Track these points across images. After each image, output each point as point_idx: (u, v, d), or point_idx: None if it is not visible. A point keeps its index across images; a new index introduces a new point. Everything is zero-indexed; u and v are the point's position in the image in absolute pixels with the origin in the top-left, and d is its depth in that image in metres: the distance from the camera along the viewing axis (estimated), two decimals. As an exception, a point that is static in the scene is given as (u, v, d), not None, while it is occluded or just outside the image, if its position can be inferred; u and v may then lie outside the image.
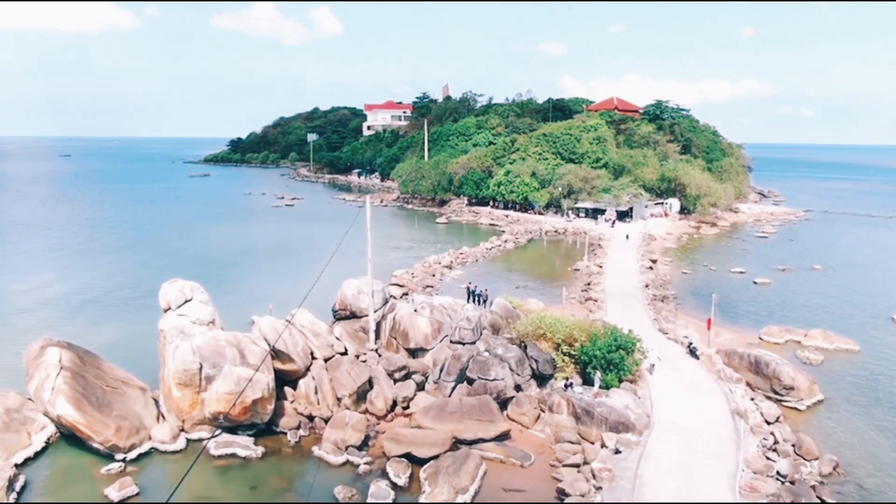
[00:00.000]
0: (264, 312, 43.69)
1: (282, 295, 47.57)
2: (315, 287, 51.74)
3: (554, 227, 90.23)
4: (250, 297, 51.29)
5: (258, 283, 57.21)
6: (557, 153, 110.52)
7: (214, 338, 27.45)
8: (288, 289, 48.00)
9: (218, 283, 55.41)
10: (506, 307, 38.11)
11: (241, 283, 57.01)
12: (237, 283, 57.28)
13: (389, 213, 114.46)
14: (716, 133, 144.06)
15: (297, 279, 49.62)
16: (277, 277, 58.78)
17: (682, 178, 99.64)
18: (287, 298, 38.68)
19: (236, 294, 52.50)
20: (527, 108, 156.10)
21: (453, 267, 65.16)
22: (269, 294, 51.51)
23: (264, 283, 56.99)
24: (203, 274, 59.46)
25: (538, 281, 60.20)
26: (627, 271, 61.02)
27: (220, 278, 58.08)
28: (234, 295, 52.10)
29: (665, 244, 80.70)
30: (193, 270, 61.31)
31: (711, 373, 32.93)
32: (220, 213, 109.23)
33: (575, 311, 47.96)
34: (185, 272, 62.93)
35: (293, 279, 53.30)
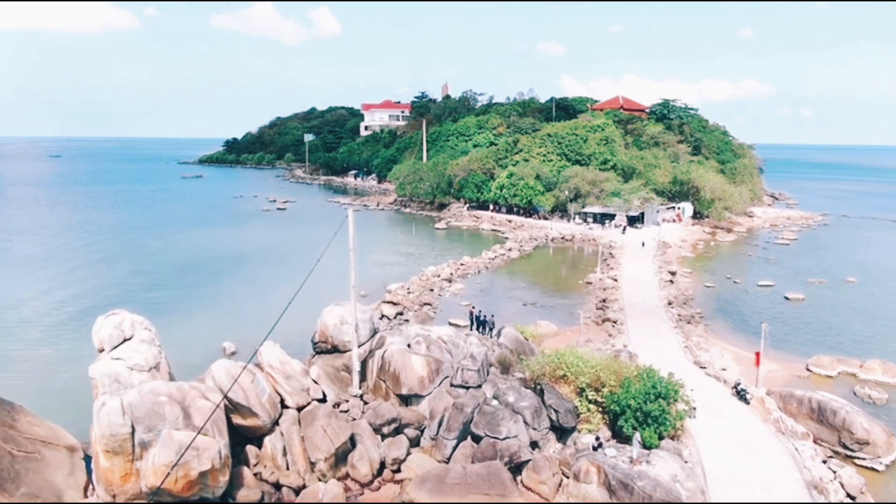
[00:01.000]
0: (223, 352, 38.36)
1: (257, 317, 41.81)
2: (295, 311, 46.11)
3: (561, 234, 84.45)
4: (220, 320, 45.53)
5: (232, 301, 51.37)
6: (563, 154, 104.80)
7: (153, 391, 21.65)
8: (264, 310, 42.22)
9: (185, 303, 49.66)
10: (516, 338, 32.32)
11: (212, 302, 51.12)
12: (208, 301, 51.42)
13: (386, 217, 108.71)
14: (726, 133, 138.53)
15: (277, 297, 43.87)
16: (256, 294, 52.92)
17: (696, 181, 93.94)
18: (262, 322, 32.98)
19: (204, 316, 46.66)
20: (529, 107, 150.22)
21: (454, 280, 59.40)
22: (241, 317, 45.79)
23: (239, 301, 51.16)
24: (171, 291, 54.25)
25: (547, 296, 54.43)
26: (645, 285, 55.29)
27: (190, 297, 52.29)
28: (200, 318, 46.27)
29: (681, 252, 74.97)
30: (162, 286, 55.64)
31: (768, 423, 27.18)
32: (207, 218, 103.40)
33: (592, 334, 42.28)
34: (153, 288, 57.34)
35: (272, 296, 47.49)
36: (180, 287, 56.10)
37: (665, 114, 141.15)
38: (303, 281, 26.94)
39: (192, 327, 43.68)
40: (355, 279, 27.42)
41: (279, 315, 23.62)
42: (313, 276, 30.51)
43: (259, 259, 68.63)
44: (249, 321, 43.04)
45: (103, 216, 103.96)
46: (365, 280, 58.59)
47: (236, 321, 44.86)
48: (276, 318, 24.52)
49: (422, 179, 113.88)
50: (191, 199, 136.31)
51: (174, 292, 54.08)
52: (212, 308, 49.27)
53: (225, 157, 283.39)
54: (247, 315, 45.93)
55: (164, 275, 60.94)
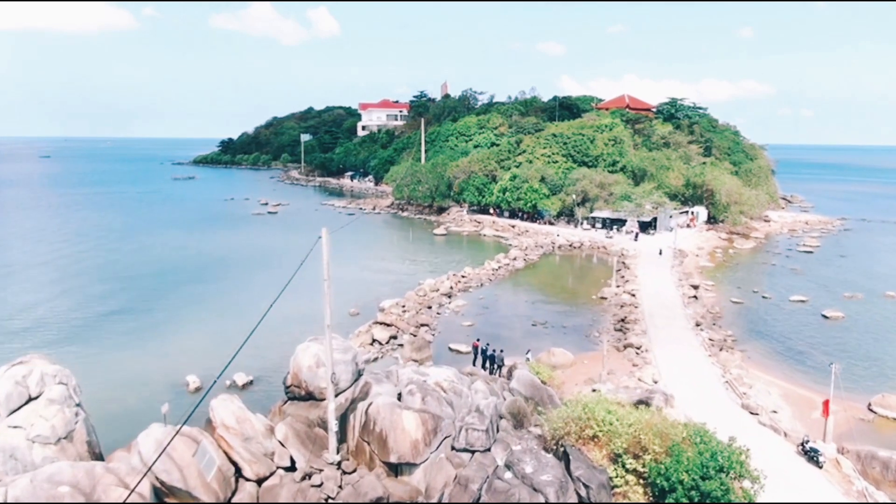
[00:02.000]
0: (186, 387, 32.61)
1: (230, 341, 36.25)
2: (272, 338, 40.51)
3: (568, 240, 78.88)
4: (188, 345, 39.90)
5: (204, 321, 45.68)
6: (569, 155, 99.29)
7: (51, 479, 16.09)
8: (240, 332, 36.64)
9: (150, 324, 43.55)
10: (531, 383, 26.72)
11: (182, 323, 45.39)
12: (177, 322, 45.70)
13: (382, 221, 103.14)
14: (737, 133, 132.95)
15: (256, 316, 38.28)
16: (233, 312, 47.20)
17: (711, 184, 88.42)
18: (228, 353, 27.46)
19: (169, 341, 40.99)
20: (531, 106, 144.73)
21: (454, 294, 53.82)
22: (213, 341, 40.09)
23: (212, 321, 45.44)
24: (136, 309, 47.36)
25: (558, 314, 48.87)
26: (667, 302, 49.74)
27: (156, 317, 46.52)
28: (166, 342, 40.59)
29: (698, 261, 69.45)
30: (126, 302, 49.20)
31: (850, 495, 21.64)
32: (193, 222, 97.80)
33: (613, 363, 36.79)
34: (114, 305, 49.76)
35: (251, 315, 41.93)
36: (147, 303, 50.47)
37: (672, 113, 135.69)
38: (266, 310, 21.41)
39: (153, 355, 38.13)
40: (329, 317, 21.83)
41: (236, 351, 18.24)
42: (298, 294, 25.16)
43: (243, 269, 63.06)
44: (221, 346, 37.43)
45: (82, 220, 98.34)
46: (356, 295, 53.12)
47: (206, 346, 39.31)
48: (248, 349, 19.24)
49: (420, 182, 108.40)
50: (179, 201, 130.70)
51: (139, 310, 48.49)
52: (181, 330, 43.63)
53: (220, 158, 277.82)
54: (219, 338, 40.31)
55: (132, 289, 55.29)
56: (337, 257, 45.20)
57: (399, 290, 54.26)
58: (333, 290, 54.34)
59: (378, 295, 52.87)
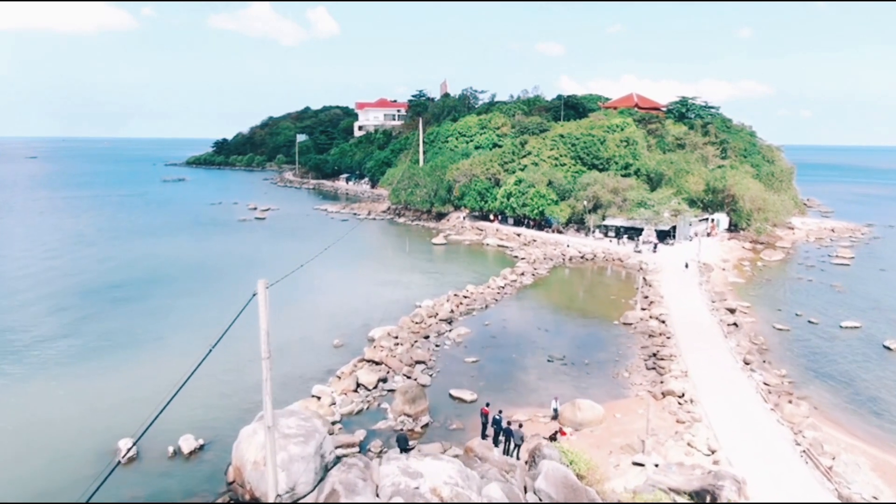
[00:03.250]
0: (114, 456, 25.42)
1: (178, 386, 29.23)
2: (234, 384, 33.48)
3: (580, 251, 71.91)
4: (129, 392, 32.72)
5: (153, 360, 38.55)
6: (577, 158, 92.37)
7: None
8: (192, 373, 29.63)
9: (85, 362, 35.57)
10: (564, 481, 19.52)
11: (125, 360, 38.27)
12: (118, 358, 38.63)
13: (378, 228, 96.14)
14: (753, 134, 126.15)
15: (217, 351, 31.28)
16: (177, 350, 40.13)
17: (733, 189, 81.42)
18: (183, 396, 20.31)
19: (108, 383, 33.91)
20: (534, 105, 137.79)
21: (455, 318, 46.88)
22: (157, 387, 33.02)
23: (150, 364, 38.26)
24: (76, 339, 38.05)
25: (577, 345, 41.87)
26: (704, 330, 42.79)
27: (98, 349, 39.26)
28: (103, 385, 33.44)
29: (726, 276, 62.56)
30: (56, 326, 40.87)
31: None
32: (173, 229, 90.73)
33: (652, 414, 29.88)
34: (42, 328, 41.73)
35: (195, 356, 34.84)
36: (82, 328, 43.45)
37: (683, 113, 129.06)
38: (198, 364, 14.68)
39: (78, 402, 31.18)
40: (271, 414, 14.86)
41: (156, 413, 11.78)
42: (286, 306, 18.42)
43: (211, 288, 55.95)
44: (166, 394, 30.47)
45: (52, 228, 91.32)
46: (342, 320, 46.09)
47: (149, 393, 32.26)
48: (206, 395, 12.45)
49: (418, 185, 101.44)
50: (164, 205, 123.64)
51: (71, 336, 41.53)
52: (119, 367, 36.58)
53: (213, 159, 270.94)
54: (165, 382, 33.25)
55: (72, 309, 48.27)
56: (324, 272, 37.40)
57: (392, 313, 47.37)
58: (320, 314, 46.47)
59: (368, 320, 45.98)
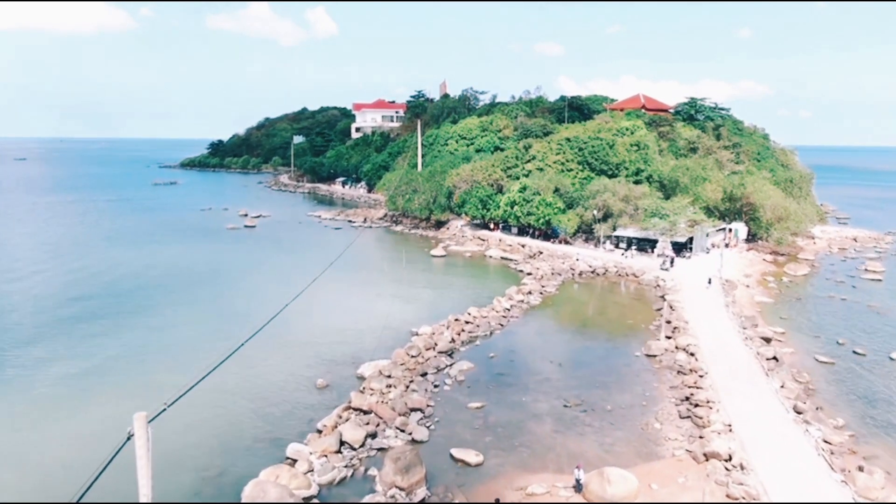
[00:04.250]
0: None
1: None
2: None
3: (590, 266, 66.69)
4: (74, 435, 27.46)
5: (109, 397, 33.36)
6: (585, 163, 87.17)
7: None
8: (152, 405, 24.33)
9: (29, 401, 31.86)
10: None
11: (74, 396, 33.07)
12: (69, 392, 33.43)
13: (373, 238, 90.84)
14: (766, 136, 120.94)
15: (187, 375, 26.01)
16: (131, 385, 34.90)
17: (752, 197, 76.18)
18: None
19: (50, 426, 28.68)
20: (537, 106, 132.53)
21: (456, 349, 41.68)
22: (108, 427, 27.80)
23: (117, 394, 33.08)
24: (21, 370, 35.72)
25: (597, 383, 36.59)
26: (740, 365, 37.57)
27: (47, 384, 34.14)
28: (46, 428, 28.25)
29: (752, 294, 57.37)
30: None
31: None
32: (156, 237, 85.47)
33: (693, 480, 24.78)
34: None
35: (177, 375, 29.53)
36: (25, 353, 38.23)
37: (692, 114, 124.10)
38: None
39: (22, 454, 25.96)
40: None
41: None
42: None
43: (181, 309, 50.79)
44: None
45: (28, 236, 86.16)
46: (329, 353, 40.76)
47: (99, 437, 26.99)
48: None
49: (416, 191, 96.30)
50: (152, 211, 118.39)
51: (24, 372, 36.29)
52: (72, 405, 31.40)
53: (208, 161, 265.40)
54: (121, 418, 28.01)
55: (16, 329, 43.08)
56: (310, 291, 32.23)
57: (386, 341, 42.19)
58: (303, 344, 40.23)
59: (358, 351, 40.83)
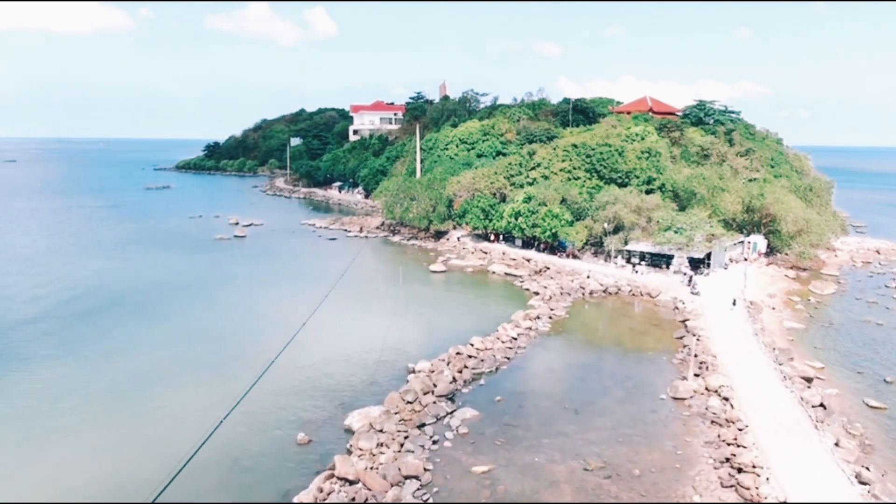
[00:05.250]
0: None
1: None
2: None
3: (601, 284, 61.93)
4: None
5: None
6: (593, 171, 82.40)
7: None
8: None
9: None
10: None
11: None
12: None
13: (369, 249, 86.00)
14: (780, 141, 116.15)
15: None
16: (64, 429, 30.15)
17: (773, 208, 71.39)
18: None
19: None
20: (540, 109, 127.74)
21: (458, 390, 36.92)
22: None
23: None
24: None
25: (618, 438, 31.77)
26: (782, 412, 32.80)
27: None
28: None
29: (780, 318, 52.61)
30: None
31: None
32: (138, 248, 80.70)
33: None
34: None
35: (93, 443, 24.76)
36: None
37: (701, 118, 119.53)
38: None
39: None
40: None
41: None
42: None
43: (154, 333, 46.01)
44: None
45: (2, 246, 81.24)
46: (313, 397, 35.92)
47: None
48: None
49: (414, 199, 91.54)
50: (139, 218, 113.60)
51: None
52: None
53: (204, 164, 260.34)
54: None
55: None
56: (296, 317, 27.80)
57: (379, 380, 37.55)
58: (284, 384, 35.82)
59: (347, 393, 36.11)
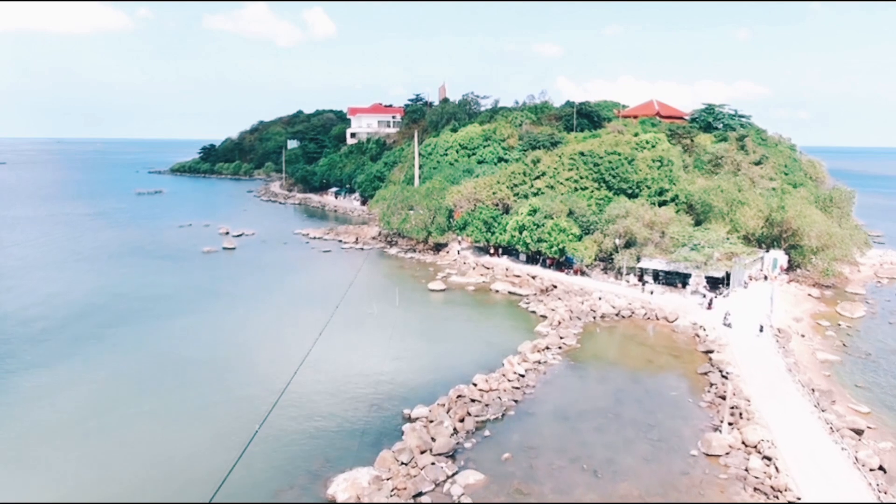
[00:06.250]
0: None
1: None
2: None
3: (613, 306, 57.33)
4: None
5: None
6: (601, 180, 77.80)
7: None
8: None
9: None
10: None
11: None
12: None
13: (364, 262, 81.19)
14: (793, 147, 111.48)
15: None
16: None
17: (794, 222, 66.86)
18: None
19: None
20: (542, 113, 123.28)
21: (460, 445, 32.32)
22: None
23: None
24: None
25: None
26: (833, 477, 28.29)
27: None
28: None
29: (812, 348, 48.02)
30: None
31: None
32: (117, 262, 76.06)
33: None
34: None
35: None
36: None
37: (710, 122, 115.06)
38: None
39: None
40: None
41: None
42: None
43: (115, 362, 41.41)
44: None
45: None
46: (291, 457, 31.38)
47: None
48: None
49: (412, 209, 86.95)
50: (125, 227, 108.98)
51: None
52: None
53: (198, 167, 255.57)
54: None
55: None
56: (283, 345, 22.59)
57: (370, 431, 32.97)
58: (258, 441, 28.59)
59: (331, 451, 31.48)
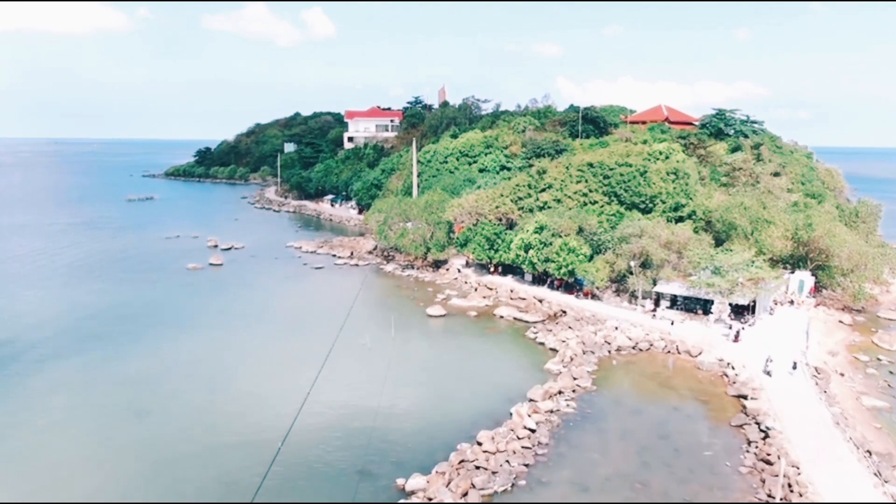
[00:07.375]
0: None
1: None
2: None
3: (629, 338, 52.21)
4: None
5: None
6: (612, 194, 72.74)
7: None
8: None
9: None
10: None
11: None
12: None
13: (359, 281, 75.76)
14: (809, 156, 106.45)
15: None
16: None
17: (822, 242, 61.80)
18: None
19: None
20: (546, 118, 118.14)
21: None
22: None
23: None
24: None
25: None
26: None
27: None
28: None
29: (856, 391, 43.03)
30: None
31: None
32: (96, 280, 70.99)
33: None
34: None
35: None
36: None
37: (721, 128, 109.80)
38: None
39: None
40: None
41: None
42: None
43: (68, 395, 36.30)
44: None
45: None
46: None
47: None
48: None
49: (410, 222, 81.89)
50: (110, 238, 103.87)
51: None
52: None
53: (193, 170, 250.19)
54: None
55: None
56: (260, 386, 16.46)
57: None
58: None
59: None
